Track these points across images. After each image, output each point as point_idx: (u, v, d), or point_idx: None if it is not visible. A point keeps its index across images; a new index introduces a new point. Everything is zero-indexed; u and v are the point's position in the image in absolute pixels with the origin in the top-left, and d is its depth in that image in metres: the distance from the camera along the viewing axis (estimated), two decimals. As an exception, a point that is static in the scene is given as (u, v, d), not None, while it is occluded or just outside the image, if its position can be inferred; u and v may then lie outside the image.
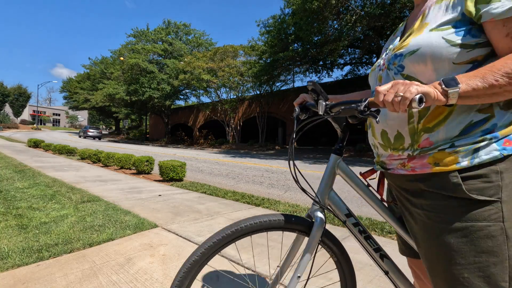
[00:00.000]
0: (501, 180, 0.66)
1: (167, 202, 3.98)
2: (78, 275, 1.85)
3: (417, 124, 0.74)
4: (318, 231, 0.93)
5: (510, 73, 0.59)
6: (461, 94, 0.62)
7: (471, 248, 0.67)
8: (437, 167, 0.71)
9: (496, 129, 0.68)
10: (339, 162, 0.96)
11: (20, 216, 3.07)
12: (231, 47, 21.56)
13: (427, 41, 0.71)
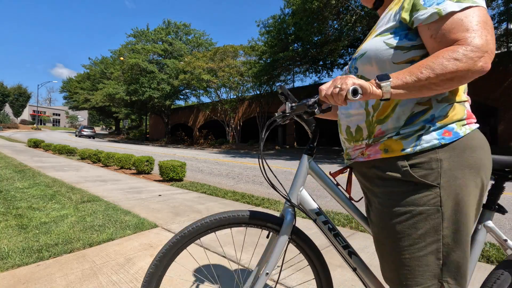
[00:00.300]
0: (441, 168, 0.72)
1: (167, 202, 3.98)
2: (78, 275, 1.85)
3: (372, 118, 0.83)
4: (288, 229, 0.96)
5: (431, 65, 0.66)
6: (392, 87, 0.68)
7: (413, 231, 0.72)
8: (386, 153, 0.79)
9: (435, 119, 0.75)
10: (310, 162, 1.01)
11: (20, 216, 3.07)
12: (231, 47, 21.55)
13: (372, 45, 0.81)
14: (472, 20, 0.67)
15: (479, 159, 0.74)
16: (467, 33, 0.66)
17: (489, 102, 13.79)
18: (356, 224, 3.08)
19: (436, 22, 0.70)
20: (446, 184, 0.72)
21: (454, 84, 0.68)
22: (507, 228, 3.21)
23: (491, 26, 0.69)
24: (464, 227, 0.73)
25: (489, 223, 0.90)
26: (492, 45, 0.66)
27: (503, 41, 12.07)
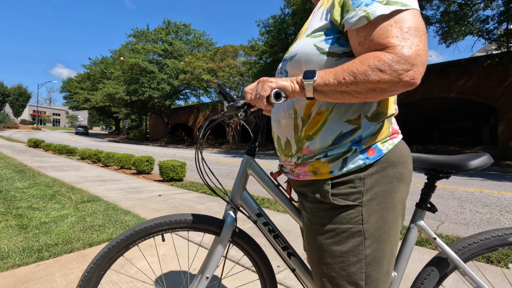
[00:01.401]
0: (363, 186, 0.71)
1: (167, 202, 3.98)
2: (78, 275, 1.85)
3: (301, 132, 0.78)
4: (228, 231, 0.95)
5: (355, 72, 0.60)
6: (315, 87, 0.64)
7: (337, 249, 0.72)
8: (315, 176, 0.76)
9: (362, 140, 0.72)
10: (250, 162, 0.99)
11: (20, 216, 3.07)
12: (231, 47, 21.55)
13: (302, 48, 0.74)
14: (403, 26, 0.60)
15: (400, 174, 0.74)
16: (397, 40, 0.59)
17: (489, 102, 13.78)
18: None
19: (365, 28, 0.63)
20: (368, 203, 0.71)
21: (377, 96, 0.62)
22: (507, 228, 3.21)
23: (424, 32, 0.61)
24: (386, 244, 0.73)
25: (421, 222, 0.92)
26: (423, 57, 0.59)
27: (503, 41, 12.06)
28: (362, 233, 0.71)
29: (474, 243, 0.89)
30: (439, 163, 0.89)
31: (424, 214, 0.93)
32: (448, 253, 0.89)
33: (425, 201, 0.93)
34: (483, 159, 0.84)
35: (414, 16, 0.61)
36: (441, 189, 5.63)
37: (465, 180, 7.01)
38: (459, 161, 0.85)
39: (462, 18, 10.35)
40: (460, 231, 3.12)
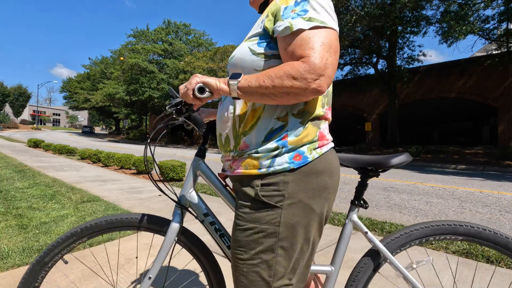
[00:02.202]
0: (286, 190, 0.75)
1: (167, 202, 3.98)
2: (78, 275, 1.85)
3: (238, 128, 0.83)
4: (173, 231, 0.96)
5: (273, 77, 0.68)
6: (239, 87, 0.72)
7: (253, 246, 0.76)
8: (246, 170, 0.80)
9: (287, 138, 0.77)
10: (200, 163, 1.02)
11: (20, 216, 3.07)
12: (231, 47, 21.56)
13: (239, 50, 0.82)
14: (318, 41, 0.69)
15: (323, 183, 0.78)
16: (311, 51, 0.68)
17: (489, 102, 13.78)
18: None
19: (288, 37, 0.72)
20: (288, 207, 0.75)
21: (291, 99, 0.71)
22: (507, 228, 3.21)
23: (335, 50, 0.71)
24: (297, 250, 0.77)
25: (354, 217, 0.99)
26: (330, 70, 0.68)
27: (503, 41, 12.05)
28: (277, 235, 0.75)
29: (401, 236, 0.97)
30: (367, 162, 0.97)
31: (357, 210, 1.00)
32: (378, 246, 0.95)
33: (358, 198, 0.99)
34: (402, 157, 0.94)
35: (329, 34, 0.71)
36: (441, 189, 5.64)
37: (465, 180, 7.01)
38: (383, 160, 0.95)
39: (463, 17, 10.35)
40: (460, 231, 3.11)
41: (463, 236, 0.92)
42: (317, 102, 0.82)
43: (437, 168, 10.29)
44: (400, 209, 4.04)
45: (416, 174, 8.04)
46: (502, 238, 0.89)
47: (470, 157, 11.49)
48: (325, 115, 0.84)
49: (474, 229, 0.91)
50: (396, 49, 14.70)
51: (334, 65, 0.70)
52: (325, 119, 0.85)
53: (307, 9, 0.72)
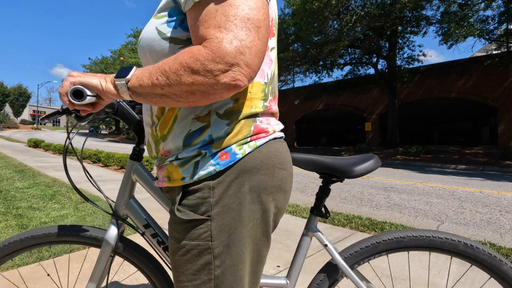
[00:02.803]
0: (212, 197, 0.60)
1: (167, 202, 3.98)
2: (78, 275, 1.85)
3: (157, 131, 0.67)
4: (109, 243, 0.89)
5: (167, 71, 0.50)
6: (130, 88, 0.54)
7: (189, 267, 0.63)
8: (169, 182, 0.66)
9: (213, 141, 0.61)
10: (135, 167, 0.90)
11: (20, 216, 3.07)
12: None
13: (146, 31, 0.62)
14: (228, 13, 0.49)
15: (259, 181, 0.62)
16: (217, 31, 0.48)
17: (489, 102, 13.78)
18: (356, 224, 3.08)
19: (193, 10, 0.53)
20: (217, 216, 0.60)
21: (202, 100, 0.52)
22: (507, 228, 3.21)
23: (258, 25, 0.51)
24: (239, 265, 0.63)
25: (314, 228, 0.89)
26: (249, 55, 0.49)
27: (503, 41, 12.06)
28: (211, 251, 0.61)
29: (360, 250, 0.88)
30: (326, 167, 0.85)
31: (316, 220, 0.89)
32: (337, 260, 0.88)
33: (318, 206, 0.89)
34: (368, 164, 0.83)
35: (250, 3, 0.50)
36: (441, 189, 5.64)
37: (465, 180, 7.01)
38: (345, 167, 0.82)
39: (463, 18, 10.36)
40: (460, 231, 3.12)
41: (439, 250, 0.85)
42: (254, 98, 0.63)
43: (437, 168, 10.29)
44: (400, 209, 4.04)
45: (416, 174, 8.04)
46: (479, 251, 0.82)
47: (470, 157, 11.50)
48: (267, 110, 0.66)
49: (448, 241, 0.83)
50: (396, 49, 14.70)
51: (257, 47, 0.50)
52: (267, 114, 0.68)
53: None
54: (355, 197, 4.80)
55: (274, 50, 0.68)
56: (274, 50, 0.68)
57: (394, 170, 9.00)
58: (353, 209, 4.00)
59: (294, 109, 21.64)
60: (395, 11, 11.41)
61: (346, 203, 4.38)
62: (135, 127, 0.90)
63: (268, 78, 0.66)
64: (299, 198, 4.73)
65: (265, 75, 0.65)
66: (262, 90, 0.64)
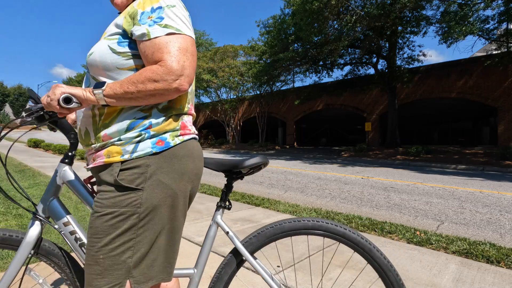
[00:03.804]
0: (147, 172, 0.79)
1: (167, 202, 3.98)
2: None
3: (99, 122, 0.84)
4: (27, 245, 0.91)
5: (135, 82, 0.75)
6: (106, 95, 0.76)
7: (111, 231, 0.76)
8: (108, 158, 0.81)
9: (152, 126, 0.81)
10: (64, 170, 0.97)
11: (20, 216, 3.07)
12: (231, 47, 21.54)
13: (98, 47, 0.84)
14: (174, 45, 0.77)
15: (184, 166, 0.83)
16: (168, 56, 0.75)
17: (489, 102, 13.78)
18: (356, 224, 3.08)
19: (146, 42, 0.78)
20: (149, 187, 0.78)
21: (158, 99, 0.78)
22: (507, 228, 3.22)
23: (191, 53, 0.79)
24: (161, 229, 0.80)
25: (218, 219, 1.00)
26: (188, 70, 0.77)
27: (503, 41, 12.05)
28: (138, 216, 0.77)
29: (257, 235, 1.00)
30: (227, 164, 0.99)
31: (222, 211, 1.02)
32: (238, 247, 0.97)
33: (224, 200, 1.02)
34: (255, 159, 0.99)
35: (184, 40, 0.79)
36: (441, 189, 5.64)
37: (465, 180, 7.01)
38: (238, 162, 0.98)
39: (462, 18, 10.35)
40: (460, 231, 3.12)
41: (318, 231, 0.97)
42: (182, 100, 0.88)
43: (437, 168, 10.29)
44: (400, 209, 4.04)
45: (416, 174, 8.04)
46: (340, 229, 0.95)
47: (470, 157, 11.49)
48: (189, 111, 0.92)
49: (318, 224, 0.97)
50: (396, 49, 14.68)
51: (193, 66, 0.80)
52: (189, 114, 0.93)
53: (163, 16, 0.79)
54: (355, 197, 4.80)
55: None
56: None
57: (394, 170, 9.00)
58: (353, 209, 4.00)
59: (294, 109, 21.62)
60: (395, 11, 11.40)
61: (346, 203, 4.38)
62: (71, 135, 1.02)
63: (191, 89, 0.92)
64: (299, 198, 4.73)
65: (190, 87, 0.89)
66: (186, 95, 0.90)
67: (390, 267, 0.89)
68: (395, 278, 0.89)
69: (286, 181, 6.40)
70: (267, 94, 21.63)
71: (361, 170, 8.81)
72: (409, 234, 2.76)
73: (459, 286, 1.83)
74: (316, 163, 10.94)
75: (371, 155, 13.79)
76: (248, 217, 3.34)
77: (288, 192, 5.26)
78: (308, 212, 3.54)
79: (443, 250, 2.44)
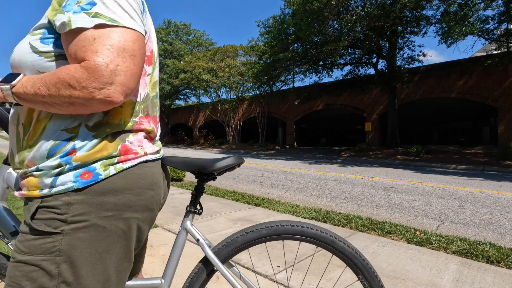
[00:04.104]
0: (69, 212, 0.62)
1: (167, 202, 3.98)
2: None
3: (23, 141, 0.68)
4: None
5: (48, 83, 0.57)
6: (15, 93, 0.60)
7: (26, 284, 0.60)
8: (28, 191, 0.66)
9: (76, 152, 0.63)
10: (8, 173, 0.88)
11: (20, 216, 3.07)
12: (231, 47, 21.55)
13: (19, 45, 0.66)
14: (104, 42, 0.57)
15: (125, 201, 0.66)
16: (93, 55, 0.56)
17: (489, 102, 13.78)
18: (356, 224, 3.08)
19: (69, 34, 0.59)
20: (72, 231, 0.61)
21: (80, 109, 0.59)
22: (507, 228, 3.21)
23: (132, 54, 0.60)
24: (89, 280, 0.63)
25: (187, 225, 0.91)
26: (124, 77, 0.58)
27: (503, 41, 12.05)
28: (58, 266, 0.61)
29: (229, 242, 0.92)
30: (196, 165, 0.91)
31: (192, 217, 0.93)
32: (208, 255, 0.90)
33: (194, 204, 0.93)
34: (228, 160, 0.90)
35: (123, 35, 0.59)
36: (441, 189, 5.64)
37: (465, 180, 7.01)
38: (209, 163, 0.89)
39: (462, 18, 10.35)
40: (460, 231, 3.12)
41: (288, 237, 0.91)
42: (124, 112, 0.68)
43: (437, 168, 10.29)
44: (400, 209, 4.04)
45: (416, 174, 8.04)
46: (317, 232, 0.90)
47: (470, 157, 11.49)
48: (136, 126, 0.71)
49: (294, 228, 0.90)
50: (396, 49, 14.68)
51: (133, 71, 0.59)
52: (138, 131, 0.73)
53: (96, 1, 0.59)
54: (355, 197, 4.79)
55: (149, 77, 0.76)
56: (149, 77, 0.76)
57: (394, 170, 9.00)
58: (353, 209, 4.00)
59: (294, 109, 21.62)
60: (395, 11, 11.40)
61: (346, 203, 4.38)
62: None
63: (140, 98, 0.73)
64: (299, 198, 4.73)
65: (138, 94, 0.72)
66: (132, 107, 0.70)
67: (355, 253, 0.87)
68: (362, 263, 0.87)
69: (286, 181, 6.39)
70: (267, 94, 21.63)
71: (361, 170, 8.80)
72: (409, 234, 2.76)
73: (459, 286, 1.83)
74: (316, 163, 10.94)
75: (371, 155, 13.79)
76: (248, 217, 3.34)
77: (288, 192, 5.26)
78: (308, 212, 3.54)
79: (443, 250, 2.44)
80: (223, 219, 3.19)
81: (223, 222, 3.06)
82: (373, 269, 0.88)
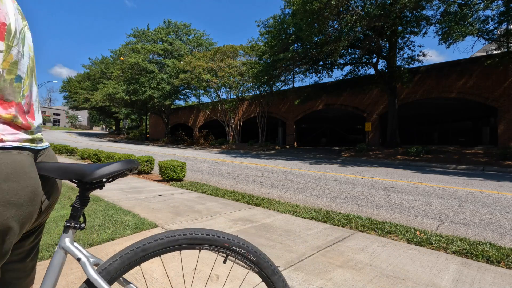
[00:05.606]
0: None
1: (167, 202, 3.98)
2: (78, 274, 1.85)
3: None
4: None
5: None
6: None
7: None
8: None
9: None
10: None
11: None
12: (231, 47, 21.54)
13: None
14: None
15: None
16: None
17: (489, 102, 13.78)
18: (356, 224, 3.08)
19: None
20: None
21: None
22: (507, 228, 3.21)
23: None
24: None
25: (65, 243, 0.78)
26: None
27: (503, 41, 12.05)
28: None
29: (117, 260, 0.79)
30: (74, 173, 0.77)
31: (71, 232, 0.80)
32: (90, 277, 0.76)
33: (75, 217, 0.80)
34: (114, 165, 0.78)
35: None
36: (441, 189, 5.64)
37: (465, 180, 7.01)
38: (89, 170, 0.76)
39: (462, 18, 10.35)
40: (460, 231, 3.12)
41: (184, 248, 0.83)
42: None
43: (437, 168, 10.29)
44: (400, 209, 4.04)
45: (416, 174, 8.04)
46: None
47: (470, 157, 11.49)
48: (11, 119, 0.65)
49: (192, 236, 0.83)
50: (396, 49, 14.69)
51: None
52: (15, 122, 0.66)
53: None
54: (355, 197, 4.79)
55: (1, 54, 0.65)
56: (1, 54, 0.65)
57: (394, 170, 9.00)
58: (353, 209, 4.00)
59: (294, 109, 21.62)
60: (395, 11, 11.40)
61: (346, 203, 4.38)
62: None
63: None
64: (299, 198, 4.73)
65: None
66: None
67: (245, 247, 0.85)
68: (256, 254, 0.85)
69: (286, 181, 6.39)
70: (267, 94, 21.63)
71: (361, 170, 8.80)
72: (409, 234, 2.76)
73: (459, 286, 1.83)
74: (316, 163, 10.94)
75: (371, 155, 13.78)
76: (248, 217, 3.34)
77: (288, 192, 5.26)
78: (308, 212, 3.54)
79: (443, 250, 2.44)
80: (223, 219, 3.19)
81: (223, 222, 3.06)
82: (267, 258, 0.87)
